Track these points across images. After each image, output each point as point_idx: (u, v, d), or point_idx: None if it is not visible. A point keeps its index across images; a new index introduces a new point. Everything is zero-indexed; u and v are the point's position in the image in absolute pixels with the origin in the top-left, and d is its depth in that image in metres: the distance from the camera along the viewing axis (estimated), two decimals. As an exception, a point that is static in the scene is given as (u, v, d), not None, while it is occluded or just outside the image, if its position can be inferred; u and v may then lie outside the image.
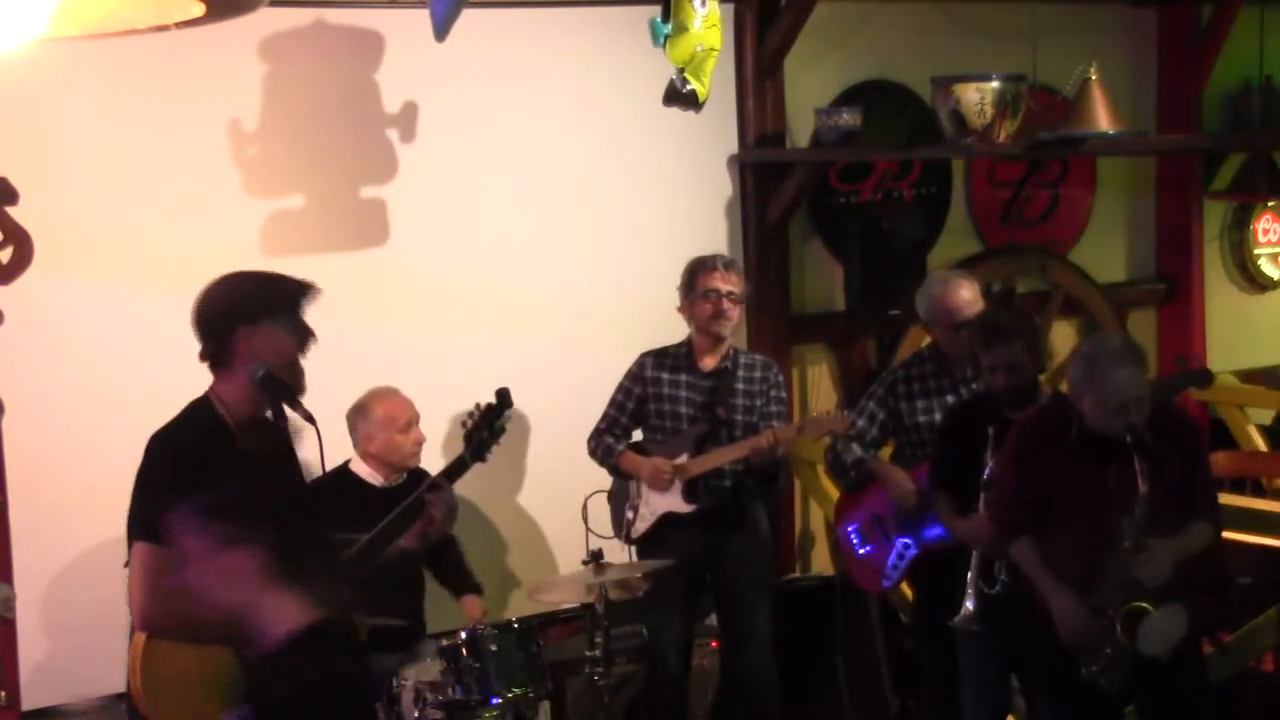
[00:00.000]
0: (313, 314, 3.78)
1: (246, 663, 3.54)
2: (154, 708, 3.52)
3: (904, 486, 5.36)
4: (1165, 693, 4.47)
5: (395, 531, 3.89)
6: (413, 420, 5.36)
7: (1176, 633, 4.31)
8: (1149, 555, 4.26)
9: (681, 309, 5.60)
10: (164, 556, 3.45)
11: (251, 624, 3.45)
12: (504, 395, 4.21)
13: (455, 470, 4.17)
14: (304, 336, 3.66)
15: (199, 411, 3.64)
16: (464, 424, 4.20)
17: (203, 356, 3.66)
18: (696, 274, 5.53)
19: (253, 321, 3.60)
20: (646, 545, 5.58)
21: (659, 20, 4.90)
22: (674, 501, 5.52)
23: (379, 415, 5.32)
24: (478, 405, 4.20)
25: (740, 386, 5.55)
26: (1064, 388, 6.83)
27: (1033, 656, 4.77)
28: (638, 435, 5.71)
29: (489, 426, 4.16)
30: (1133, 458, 4.25)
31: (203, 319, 3.64)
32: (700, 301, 5.52)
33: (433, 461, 5.26)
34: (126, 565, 3.58)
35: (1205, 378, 6.39)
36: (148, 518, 3.50)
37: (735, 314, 5.55)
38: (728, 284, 5.49)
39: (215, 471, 3.54)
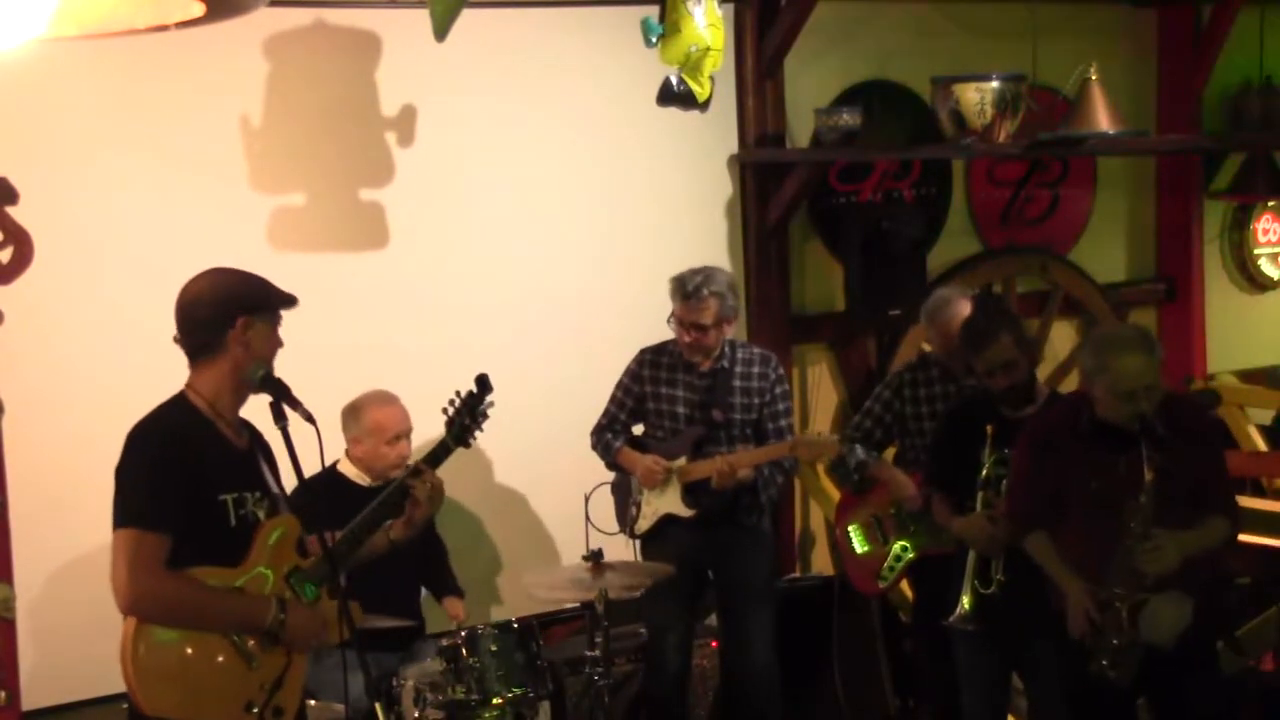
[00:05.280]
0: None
1: (243, 649, 3.57)
2: (146, 694, 3.50)
3: (908, 489, 5.48)
4: (1176, 688, 4.46)
5: (376, 521, 3.88)
6: (402, 434, 5.35)
7: (1179, 620, 4.30)
8: (1154, 545, 4.24)
9: None
10: (151, 541, 3.48)
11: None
12: (483, 381, 4.22)
13: (437, 456, 4.17)
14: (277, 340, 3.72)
15: (176, 405, 3.67)
16: (445, 411, 4.21)
17: (191, 346, 3.66)
18: (675, 298, 5.45)
19: (252, 313, 3.63)
20: (649, 541, 5.59)
21: (652, 20, 4.89)
22: (674, 504, 5.52)
23: (369, 422, 5.32)
24: (458, 392, 4.20)
25: (738, 384, 5.53)
26: (1064, 387, 6.89)
27: (1043, 652, 4.77)
28: (639, 429, 5.71)
29: (470, 413, 4.16)
30: (1141, 446, 4.25)
31: (201, 305, 3.64)
32: (678, 327, 5.48)
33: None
34: None
35: (1213, 398, 6.49)
36: (132, 504, 3.53)
37: (713, 339, 5.46)
38: (702, 315, 5.39)
39: (198, 458, 3.57)
